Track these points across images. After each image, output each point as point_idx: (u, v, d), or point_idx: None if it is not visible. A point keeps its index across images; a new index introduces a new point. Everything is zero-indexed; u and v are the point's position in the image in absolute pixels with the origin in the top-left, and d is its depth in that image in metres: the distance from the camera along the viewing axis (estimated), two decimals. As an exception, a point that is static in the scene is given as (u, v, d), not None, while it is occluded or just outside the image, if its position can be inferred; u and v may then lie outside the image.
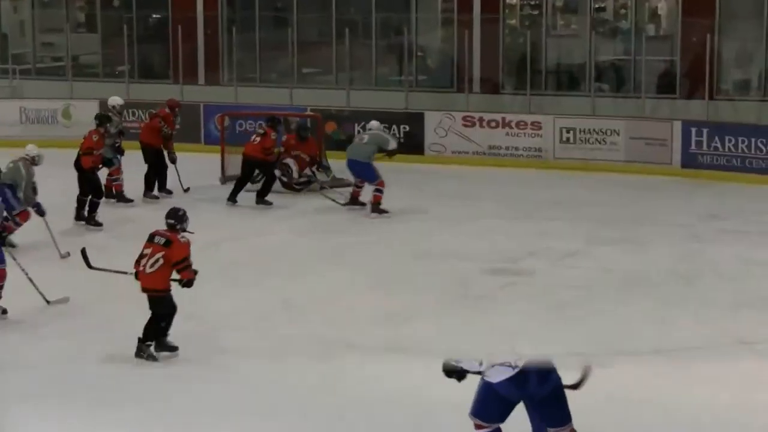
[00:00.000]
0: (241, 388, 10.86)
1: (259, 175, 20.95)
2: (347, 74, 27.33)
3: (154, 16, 32.23)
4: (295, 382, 11.10)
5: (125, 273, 12.69)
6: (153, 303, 12.23)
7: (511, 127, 24.27)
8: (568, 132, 23.78)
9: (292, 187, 21.37)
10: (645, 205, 20.16)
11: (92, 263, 13.68)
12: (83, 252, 13.63)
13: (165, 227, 12.25)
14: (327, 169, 22.21)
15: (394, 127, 24.43)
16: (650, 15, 26.97)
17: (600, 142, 23.29)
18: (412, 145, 24.41)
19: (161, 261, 12.01)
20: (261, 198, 19.80)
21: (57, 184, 18.76)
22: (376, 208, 19.20)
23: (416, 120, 25.05)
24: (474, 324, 13.18)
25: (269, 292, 14.84)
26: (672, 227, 18.35)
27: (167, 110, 20.90)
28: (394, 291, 14.93)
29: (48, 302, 13.43)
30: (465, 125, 24.47)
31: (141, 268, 12.18)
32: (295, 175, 21.45)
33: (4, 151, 24.02)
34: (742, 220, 18.72)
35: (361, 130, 23.74)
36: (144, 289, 12.21)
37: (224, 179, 21.68)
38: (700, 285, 15.24)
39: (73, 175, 19.38)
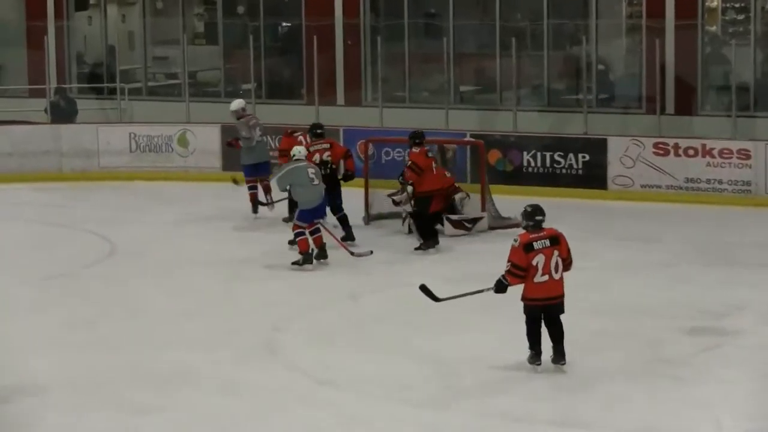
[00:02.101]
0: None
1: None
2: (513, 92, 27.13)
3: (284, 24, 32.57)
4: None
5: (481, 291, 14.44)
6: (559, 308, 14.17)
7: (712, 156, 24.05)
8: (782, 161, 23.59)
9: (462, 225, 21.76)
10: None
11: (436, 295, 15.21)
12: (423, 288, 15.20)
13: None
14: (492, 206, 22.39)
15: (571, 156, 24.63)
16: None
17: None
18: (592, 177, 24.48)
19: (561, 262, 13.97)
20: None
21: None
22: None
23: (597, 147, 24.92)
24: (668, 395, 13.13)
25: (415, 352, 15.05)
26: None
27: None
28: (567, 353, 14.66)
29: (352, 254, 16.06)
30: (656, 153, 24.22)
31: (544, 277, 13.85)
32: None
33: (112, 184, 25.22)
34: None
35: (531, 160, 24.50)
36: (548, 299, 14.02)
37: (368, 218, 22.36)
38: None
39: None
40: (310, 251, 19.46)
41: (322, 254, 19.41)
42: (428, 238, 20.79)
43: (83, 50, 33.73)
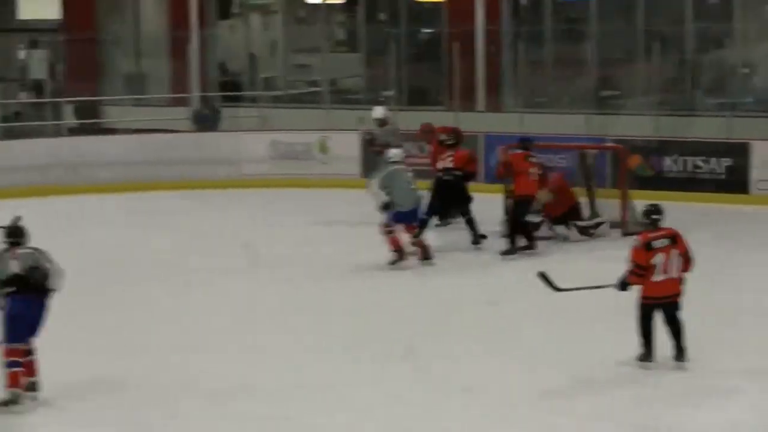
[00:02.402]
0: None
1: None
2: (654, 97, 27.36)
3: (425, 31, 32.97)
4: None
5: (603, 287, 14.60)
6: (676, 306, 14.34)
7: None
8: None
9: (587, 231, 22.07)
10: None
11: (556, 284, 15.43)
12: (542, 275, 15.46)
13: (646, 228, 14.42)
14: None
15: (714, 160, 24.58)
16: None
17: None
18: (734, 182, 24.46)
19: (679, 260, 14.15)
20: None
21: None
22: None
23: (740, 152, 24.81)
24: None
25: (562, 360, 14.71)
26: None
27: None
28: (700, 361, 14.48)
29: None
30: (802, 157, 24.08)
31: (662, 276, 14.11)
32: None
33: (252, 192, 26.30)
34: None
35: (672, 164, 24.71)
36: (665, 297, 14.24)
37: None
38: None
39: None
40: (400, 248, 19.71)
41: (426, 256, 19.76)
42: (513, 243, 20.94)
43: (225, 59, 34.19)
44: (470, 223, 21.57)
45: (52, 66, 34.65)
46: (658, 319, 14.31)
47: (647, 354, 14.55)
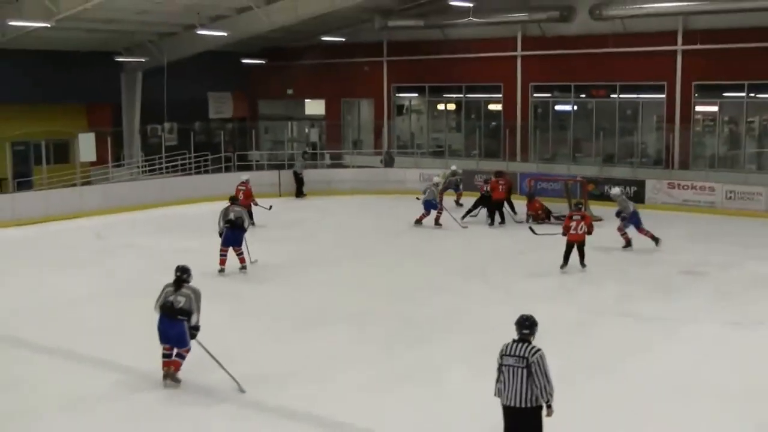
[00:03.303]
0: None
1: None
2: (600, 156, 27.54)
3: (493, 123, 30.94)
4: None
5: (555, 234, 15.97)
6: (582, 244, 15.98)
7: None
8: None
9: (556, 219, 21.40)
10: None
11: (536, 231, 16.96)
12: (531, 229, 17.50)
13: None
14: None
15: (629, 187, 24.05)
16: None
17: (750, 199, 22.90)
18: (637, 199, 23.09)
19: (584, 226, 15.98)
20: None
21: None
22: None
23: (640, 183, 24.46)
24: (669, 303, 13.73)
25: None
26: None
27: None
28: (624, 281, 15.22)
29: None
30: None
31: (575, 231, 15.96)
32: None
33: (409, 196, 23.92)
34: None
35: (608, 189, 23.65)
36: (576, 240, 15.97)
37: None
38: None
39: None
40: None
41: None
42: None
43: (399, 134, 33.19)
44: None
45: (320, 136, 35.52)
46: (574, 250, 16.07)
47: (564, 265, 16.31)
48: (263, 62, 35.08)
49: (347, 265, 17.32)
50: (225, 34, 27.28)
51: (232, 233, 15.92)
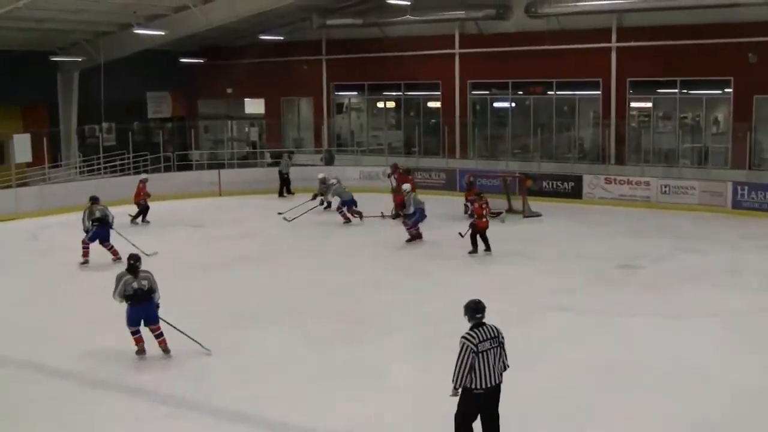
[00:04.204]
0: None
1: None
2: (538, 153, 27.32)
3: (433, 120, 30.73)
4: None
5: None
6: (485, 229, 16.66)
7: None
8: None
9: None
10: (709, 229, 20.35)
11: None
12: (460, 234, 17.23)
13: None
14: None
15: (566, 183, 24.77)
16: (714, 120, 26.29)
17: (684, 194, 23.50)
18: (574, 193, 24.54)
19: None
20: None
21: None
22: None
23: (577, 179, 24.85)
24: (605, 295, 14.14)
25: None
26: (725, 243, 18.72)
27: None
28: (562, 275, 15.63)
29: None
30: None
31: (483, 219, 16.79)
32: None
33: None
34: (765, 241, 18.76)
35: (547, 184, 24.78)
36: (483, 228, 16.72)
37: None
38: (739, 274, 15.61)
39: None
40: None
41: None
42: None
43: (339, 132, 32.95)
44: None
45: (260, 134, 35.15)
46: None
47: (473, 252, 16.96)
48: (202, 61, 34.65)
49: (286, 263, 17.19)
50: (162, 33, 27.00)
51: (102, 229, 17.02)
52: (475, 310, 7.59)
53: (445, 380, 7.70)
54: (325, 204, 23.34)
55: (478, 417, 7.71)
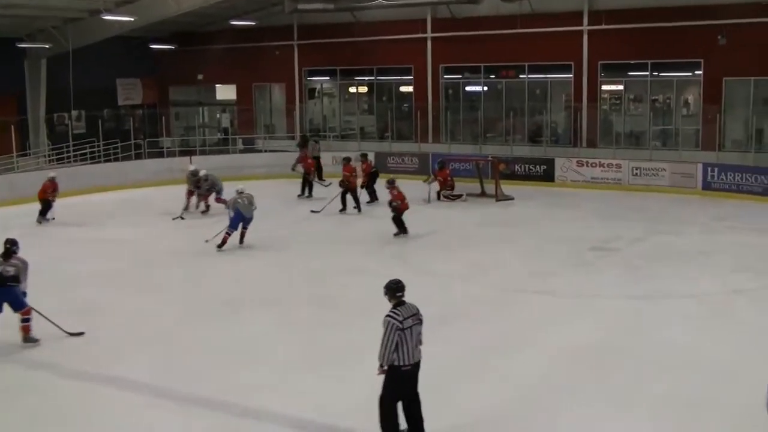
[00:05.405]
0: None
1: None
2: (512, 137, 27.38)
3: (405, 105, 30.76)
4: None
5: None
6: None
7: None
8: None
9: (451, 198, 22.21)
10: (680, 211, 20.56)
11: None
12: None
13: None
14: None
15: (538, 166, 25.00)
16: (684, 102, 26.51)
17: (655, 175, 23.82)
18: (547, 176, 24.92)
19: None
20: None
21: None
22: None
23: (550, 162, 25.15)
24: (580, 277, 14.18)
25: None
26: (696, 224, 18.97)
27: None
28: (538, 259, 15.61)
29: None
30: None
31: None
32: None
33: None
34: (736, 221, 19.05)
35: (519, 168, 24.91)
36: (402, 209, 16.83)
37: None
38: (712, 255, 15.75)
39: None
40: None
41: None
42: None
43: (311, 117, 32.75)
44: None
45: (232, 121, 35.02)
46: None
47: (399, 233, 17.15)
48: (173, 47, 34.33)
49: (263, 251, 16.97)
50: (132, 19, 26.73)
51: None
52: (395, 289, 7.76)
53: (427, 363, 7.74)
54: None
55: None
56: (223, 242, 16.61)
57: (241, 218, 16.73)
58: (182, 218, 20.23)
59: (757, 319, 11.87)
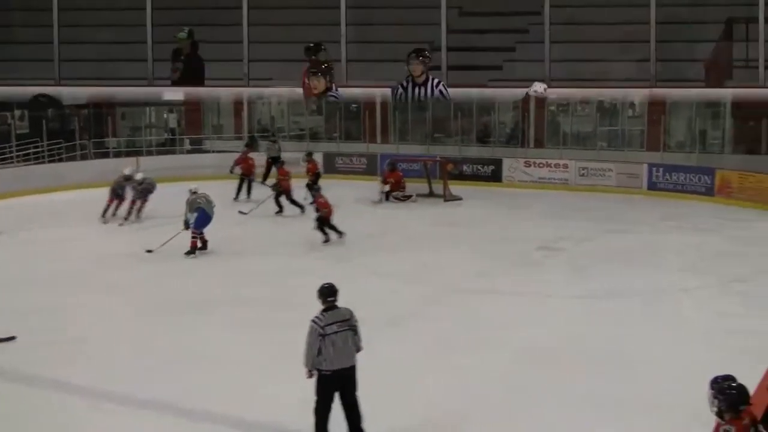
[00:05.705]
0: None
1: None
2: (459, 137, 27.67)
3: (353, 105, 30.20)
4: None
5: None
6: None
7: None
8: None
9: (401, 199, 22.27)
10: (627, 210, 20.79)
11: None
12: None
13: None
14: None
15: (486, 166, 25.28)
16: (630, 103, 26.65)
17: (601, 176, 24.12)
18: (494, 176, 25.08)
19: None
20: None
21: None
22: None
23: (497, 163, 25.34)
24: (528, 277, 14.33)
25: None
26: (642, 224, 19.15)
27: None
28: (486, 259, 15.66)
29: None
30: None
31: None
32: None
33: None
34: (681, 221, 19.30)
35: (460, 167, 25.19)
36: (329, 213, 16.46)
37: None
38: (658, 254, 15.98)
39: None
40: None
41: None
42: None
43: (260, 118, 32.95)
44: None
45: (179, 121, 34.73)
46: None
47: (328, 240, 16.68)
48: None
49: (213, 252, 16.68)
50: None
51: None
52: (326, 294, 7.71)
53: (379, 364, 7.86)
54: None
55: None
56: (193, 247, 16.09)
57: (206, 217, 16.22)
58: (123, 224, 19.77)
59: (703, 317, 12.02)
